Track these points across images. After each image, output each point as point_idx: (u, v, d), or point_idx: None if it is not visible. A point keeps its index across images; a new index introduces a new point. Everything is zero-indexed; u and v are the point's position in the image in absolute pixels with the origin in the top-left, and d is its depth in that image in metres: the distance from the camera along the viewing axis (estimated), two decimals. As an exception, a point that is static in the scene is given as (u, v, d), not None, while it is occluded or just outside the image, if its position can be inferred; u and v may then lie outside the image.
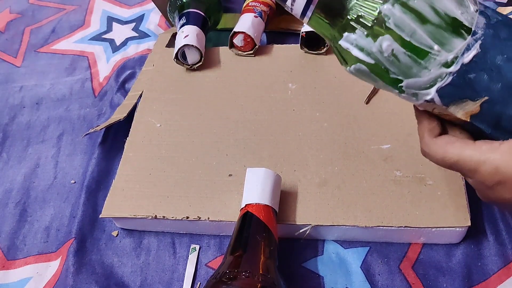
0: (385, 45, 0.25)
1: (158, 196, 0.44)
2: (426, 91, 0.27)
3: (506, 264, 0.40)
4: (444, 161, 0.28)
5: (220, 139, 0.48)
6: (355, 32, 0.26)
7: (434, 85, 0.26)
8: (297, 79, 0.53)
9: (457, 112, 0.27)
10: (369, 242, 0.42)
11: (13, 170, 0.54)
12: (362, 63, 0.27)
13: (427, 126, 0.29)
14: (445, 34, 0.25)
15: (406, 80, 0.27)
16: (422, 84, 0.26)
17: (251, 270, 0.34)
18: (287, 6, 0.28)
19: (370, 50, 0.26)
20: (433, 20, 0.25)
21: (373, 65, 0.27)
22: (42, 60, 0.68)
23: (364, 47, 0.26)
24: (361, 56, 0.26)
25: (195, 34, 0.54)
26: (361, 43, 0.26)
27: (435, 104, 0.27)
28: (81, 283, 0.43)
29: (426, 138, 0.29)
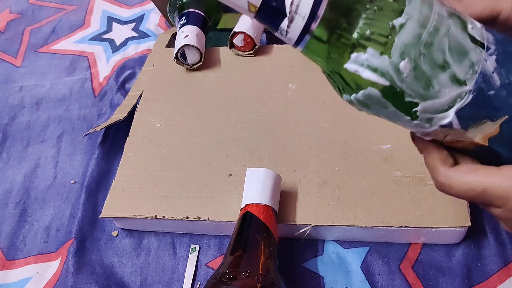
0: (403, 64, 0.23)
1: (158, 196, 0.44)
2: (443, 114, 0.24)
3: (506, 264, 0.40)
4: (468, 192, 0.25)
5: (220, 139, 0.48)
6: (366, 51, 0.23)
7: (453, 106, 0.24)
8: (297, 79, 0.53)
9: (476, 135, 0.25)
10: (369, 242, 0.42)
11: (13, 170, 0.54)
12: (375, 87, 0.23)
13: (438, 156, 0.26)
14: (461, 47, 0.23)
15: (422, 103, 0.24)
16: (440, 106, 0.24)
17: (251, 270, 0.34)
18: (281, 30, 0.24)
19: (385, 70, 0.23)
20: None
21: (387, 88, 0.23)
22: (42, 60, 0.68)
23: (378, 67, 0.23)
24: (374, 78, 0.23)
25: (195, 34, 0.54)
26: (374, 63, 0.23)
27: (451, 129, 0.25)
28: (81, 283, 0.43)
29: (441, 169, 0.26)
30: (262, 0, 0.23)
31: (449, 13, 0.23)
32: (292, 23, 0.23)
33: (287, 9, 0.23)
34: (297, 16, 0.23)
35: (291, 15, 0.23)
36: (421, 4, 0.23)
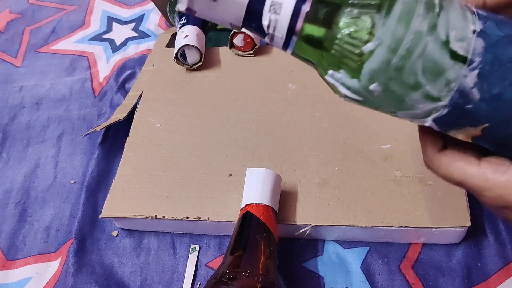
0: (373, 86, 0.23)
1: (158, 196, 0.44)
2: (422, 120, 0.25)
3: (506, 264, 0.40)
4: (448, 179, 0.27)
5: (220, 139, 0.48)
6: (339, 72, 0.24)
7: (429, 115, 0.24)
8: (297, 79, 0.53)
9: (458, 135, 0.25)
10: (369, 242, 0.42)
11: (13, 170, 0.54)
12: (350, 100, 0.25)
13: (429, 137, 0.27)
14: (437, 67, 0.23)
15: (399, 112, 0.25)
16: (417, 116, 0.25)
17: (251, 270, 0.34)
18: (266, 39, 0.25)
19: (357, 90, 0.24)
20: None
21: (362, 101, 0.25)
22: (42, 60, 0.68)
23: (351, 87, 0.24)
24: (348, 93, 0.24)
25: (195, 34, 0.54)
26: (347, 82, 0.24)
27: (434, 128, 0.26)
28: (81, 283, 0.43)
29: (428, 151, 0.27)
30: (242, 24, 0.24)
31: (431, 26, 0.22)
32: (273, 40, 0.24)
33: (266, 31, 0.24)
34: (276, 35, 0.24)
35: (271, 34, 0.24)
36: (396, 25, 0.22)
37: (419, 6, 0.22)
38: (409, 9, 0.22)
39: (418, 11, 0.22)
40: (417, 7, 0.22)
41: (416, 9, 0.22)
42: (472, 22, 0.23)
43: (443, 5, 0.22)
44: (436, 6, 0.22)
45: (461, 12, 0.23)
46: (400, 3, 0.22)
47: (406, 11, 0.22)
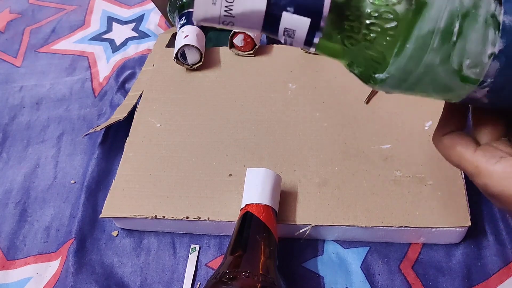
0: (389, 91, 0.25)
1: (158, 196, 0.44)
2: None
3: (506, 264, 0.40)
4: (448, 160, 0.29)
5: (220, 139, 0.48)
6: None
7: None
8: (297, 79, 0.53)
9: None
10: (369, 242, 0.42)
11: (13, 170, 0.54)
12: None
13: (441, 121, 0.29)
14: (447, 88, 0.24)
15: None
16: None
17: (251, 270, 0.34)
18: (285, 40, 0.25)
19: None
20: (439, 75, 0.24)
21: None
22: (42, 60, 0.68)
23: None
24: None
25: (195, 34, 0.54)
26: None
27: None
28: (81, 283, 0.43)
29: (435, 133, 0.29)
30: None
31: (444, 58, 0.22)
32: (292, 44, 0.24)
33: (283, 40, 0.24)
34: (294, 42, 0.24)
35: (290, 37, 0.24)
36: (407, 62, 0.22)
37: (434, 39, 0.22)
38: (422, 45, 0.22)
39: (432, 45, 0.22)
40: (432, 40, 0.22)
41: (430, 43, 0.22)
42: (492, 43, 0.22)
43: (462, 29, 0.22)
44: (453, 34, 0.22)
45: (482, 32, 0.22)
46: (414, 39, 0.22)
47: (418, 48, 0.22)
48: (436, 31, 0.22)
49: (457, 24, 0.22)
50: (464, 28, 0.22)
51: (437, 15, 0.22)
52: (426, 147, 0.44)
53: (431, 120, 0.46)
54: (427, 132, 0.45)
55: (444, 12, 0.22)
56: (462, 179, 0.41)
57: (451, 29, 0.22)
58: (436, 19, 0.22)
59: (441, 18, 0.22)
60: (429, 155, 0.44)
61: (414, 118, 0.47)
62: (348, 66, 0.26)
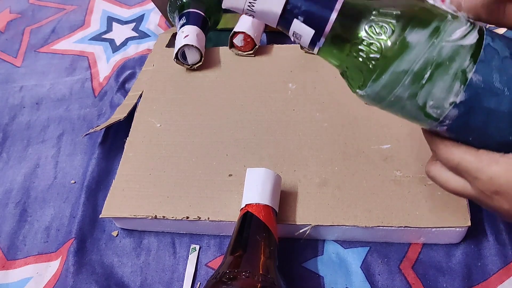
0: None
1: (158, 196, 0.44)
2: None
3: (506, 264, 0.40)
4: (448, 162, 0.29)
5: (220, 139, 0.48)
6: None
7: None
8: (297, 79, 0.53)
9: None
10: (369, 242, 0.42)
11: (13, 170, 0.54)
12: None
13: None
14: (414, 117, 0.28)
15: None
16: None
17: (251, 270, 0.34)
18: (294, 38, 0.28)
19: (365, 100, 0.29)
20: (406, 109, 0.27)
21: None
22: (42, 60, 0.68)
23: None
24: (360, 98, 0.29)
25: (195, 34, 0.54)
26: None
27: None
28: (81, 283, 0.43)
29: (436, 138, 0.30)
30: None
31: (411, 94, 0.26)
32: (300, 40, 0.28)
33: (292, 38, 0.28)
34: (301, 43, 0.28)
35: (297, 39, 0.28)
36: (380, 89, 0.26)
37: (406, 78, 0.25)
38: (395, 80, 0.26)
39: (403, 82, 0.26)
40: (404, 78, 0.25)
41: (402, 80, 0.25)
42: (455, 94, 0.25)
43: (432, 76, 0.25)
44: (424, 78, 0.25)
45: (449, 83, 0.25)
46: (389, 73, 0.26)
47: (391, 81, 0.26)
48: (409, 72, 0.25)
49: (429, 71, 0.25)
50: (434, 75, 0.25)
51: (414, 59, 0.25)
52: (426, 147, 0.44)
53: (431, 120, 0.46)
54: (427, 132, 0.45)
55: (421, 58, 0.25)
56: (462, 179, 0.41)
57: (423, 73, 0.25)
58: (412, 62, 0.25)
59: (416, 62, 0.25)
60: (429, 155, 0.43)
61: (414, 118, 0.47)
62: (340, 73, 0.29)
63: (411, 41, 0.25)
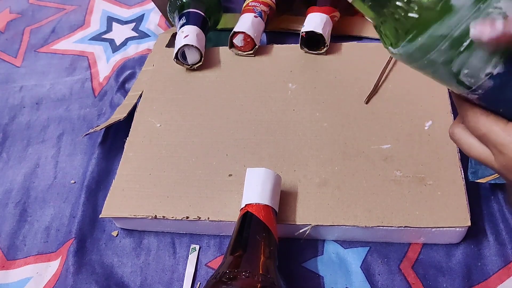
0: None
1: (158, 196, 0.44)
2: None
3: (506, 264, 0.40)
4: (474, 129, 0.28)
5: (220, 139, 0.48)
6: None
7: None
8: (297, 79, 0.53)
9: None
10: (369, 242, 0.42)
11: (13, 170, 0.54)
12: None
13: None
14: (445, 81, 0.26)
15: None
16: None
17: (251, 270, 0.34)
18: None
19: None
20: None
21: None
22: (42, 60, 0.68)
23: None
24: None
25: (195, 34, 0.54)
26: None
27: None
28: (81, 283, 0.43)
29: (465, 103, 0.29)
30: None
31: (447, 60, 0.24)
32: None
33: None
34: None
35: None
36: (414, 51, 0.25)
37: (444, 43, 0.23)
38: (431, 44, 0.24)
39: (440, 47, 0.24)
40: (442, 43, 0.23)
41: (439, 45, 0.24)
42: (493, 66, 0.24)
43: (472, 44, 0.23)
44: (462, 45, 0.23)
45: (487, 55, 0.23)
46: (426, 36, 0.24)
47: (427, 44, 0.24)
48: (448, 37, 0.23)
49: (469, 38, 0.23)
50: (474, 44, 0.23)
51: (455, 24, 0.23)
52: (426, 147, 0.44)
53: (431, 120, 0.46)
54: (427, 132, 0.45)
55: (463, 23, 0.23)
56: (462, 179, 0.41)
57: (463, 40, 0.23)
58: (453, 27, 0.23)
59: (458, 27, 0.23)
60: (429, 155, 0.44)
61: (414, 118, 0.47)
62: (375, 27, 0.27)
63: (455, 3, 0.22)
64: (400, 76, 0.51)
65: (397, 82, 0.50)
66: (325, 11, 0.54)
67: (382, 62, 0.52)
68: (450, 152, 0.43)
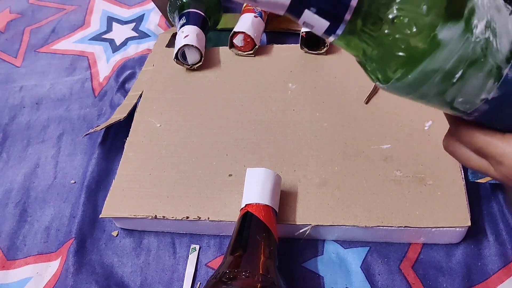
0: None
1: (158, 196, 0.44)
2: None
3: (506, 264, 0.40)
4: (470, 145, 0.28)
5: (220, 139, 0.48)
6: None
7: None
8: (297, 79, 0.53)
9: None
10: (369, 242, 0.42)
11: (13, 170, 0.54)
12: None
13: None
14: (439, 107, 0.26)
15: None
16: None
17: (251, 270, 0.34)
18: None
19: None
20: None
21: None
22: (42, 60, 0.68)
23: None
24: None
25: (195, 34, 0.54)
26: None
27: None
28: (81, 283, 0.43)
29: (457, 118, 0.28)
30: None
31: (439, 92, 0.23)
32: (312, 29, 0.24)
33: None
34: (314, 29, 0.24)
35: (309, 28, 0.24)
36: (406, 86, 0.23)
37: (436, 76, 0.22)
38: (423, 79, 0.23)
39: (432, 80, 0.23)
40: (433, 77, 0.22)
41: (431, 79, 0.23)
42: (488, 91, 0.23)
43: (465, 75, 0.22)
44: (455, 77, 0.22)
45: (482, 81, 0.23)
46: (417, 72, 0.22)
47: (419, 80, 0.23)
48: (439, 71, 0.22)
49: (462, 69, 0.22)
50: (467, 74, 0.22)
51: (446, 58, 0.22)
52: (426, 147, 0.44)
53: (431, 120, 0.46)
54: (427, 132, 0.45)
55: (454, 56, 0.22)
56: (462, 179, 0.41)
57: (455, 72, 0.22)
58: (444, 60, 0.22)
59: (449, 61, 0.22)
60: (429, 155, 0.44)
61: (414, 118, 0.47)
62: (358, 62, 0.26)
63: (443, 37, 0.21)
64: (400, 76, 0.51)
65: (397, 82, 0.50)
66: (325, 11, 0.54)
67: (382, 62, 0.52)
68: (450, 152, 0.43)
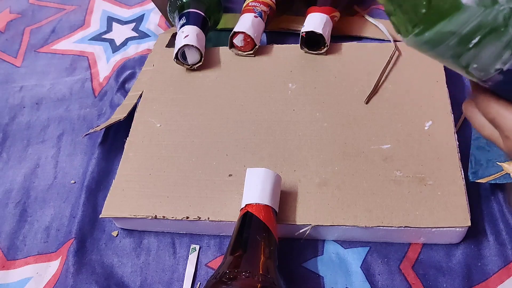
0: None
1: (158, 196, 0.44)
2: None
3: (506, 264, 0.40)
4: (485, 113, 0.28)
5: (220, 139, 0.48)
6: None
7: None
8: (297, 79, 0.53)
9: None
10: (369, 242, 0.42)
11: (13, 170, 0.54)
12: None
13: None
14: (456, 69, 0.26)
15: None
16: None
17: (251, 270, 0.34)
18: None
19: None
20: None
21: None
22: (42, 60, 0.68)
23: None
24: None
25: (195, 34, 0.54)
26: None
27: None
28: (81, 283, 0.43)
29: (478, 85, 0.28)
30: None
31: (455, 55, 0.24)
32: None
33: None
34: None
35: None
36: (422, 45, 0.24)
37: (452, 39, 0.23)
38: (439, 39, 0.23)
39: (448, 42, 0.23)
40: (450, 39, 0.23)
41: (447, 41, 0.23)
42: (503, 62, 0.23)
43: (481, 42, 0.23)
44: (471, 43, 0.23)
45: (499, 50, 0.23)
46: (434, 32, 0.23)
47: (435, 39, 0.23)
48: (456, 34, 0.23)
49: (478, 36, 0.22)
50: (484, 41, 0.23)
51: (464, 21, 0.22)
52: (426, 147, 0.44)
53: (431, 120, 0.46)
54: (427, 132, 0.45)
55: (473, 21, 0.22)
56: (462, 179, 0.41)
57: (471, 37, 0.23)
58: (461, 24, 0.22)
59: (467, 25, 0.22)
60: (429, 155, 0.44)
61: (414, 118, 0.47)
62: (385, 11, 0.26)
63: (465, 1, 0.22)
64: (400, 76, 0.51)
65: (397, 82, 0.50)
66: (325, 11, 0.54)
67: (382, 62, 0.52)
68: (450, 152, 0.43)
